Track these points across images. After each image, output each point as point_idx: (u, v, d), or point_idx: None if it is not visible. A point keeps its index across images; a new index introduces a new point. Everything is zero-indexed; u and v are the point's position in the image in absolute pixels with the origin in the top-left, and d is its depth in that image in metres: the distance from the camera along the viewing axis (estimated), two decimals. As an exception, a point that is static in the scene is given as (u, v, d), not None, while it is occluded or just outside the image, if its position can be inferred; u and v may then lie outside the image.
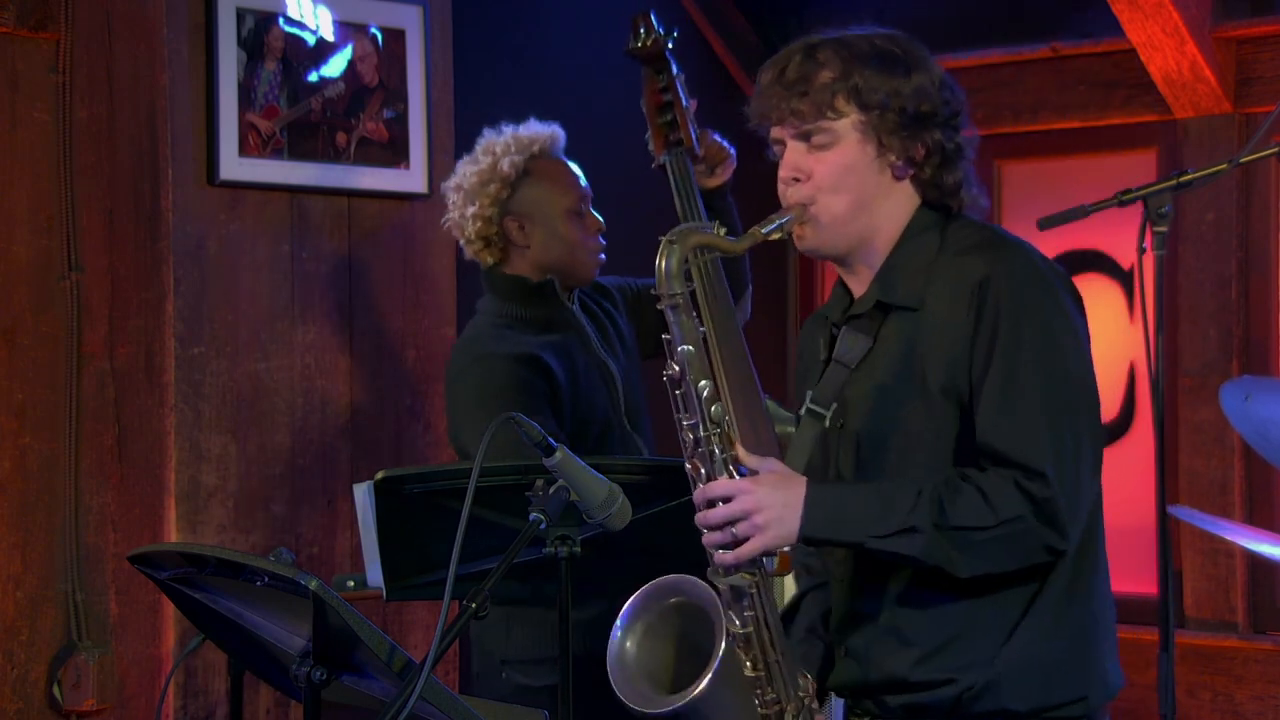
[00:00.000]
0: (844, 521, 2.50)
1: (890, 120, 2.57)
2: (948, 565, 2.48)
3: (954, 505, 2.46)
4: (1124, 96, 5.05)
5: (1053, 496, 2.46)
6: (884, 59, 2.59)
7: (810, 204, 2.60)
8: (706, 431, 2.53)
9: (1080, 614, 2.58)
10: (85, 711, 4.13)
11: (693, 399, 2.53)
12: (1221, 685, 4.85)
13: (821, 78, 2.58)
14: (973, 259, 2.56)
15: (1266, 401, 3.64)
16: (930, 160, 2.60)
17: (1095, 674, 2.60)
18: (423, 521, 3.08)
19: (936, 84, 2.61)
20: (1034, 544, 2.48)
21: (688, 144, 3.67)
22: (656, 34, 3.68)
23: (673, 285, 2.52)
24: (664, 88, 3.69)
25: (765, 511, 2.48)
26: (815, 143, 2.60)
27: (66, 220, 4.16)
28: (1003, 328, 2.50)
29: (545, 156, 3.69)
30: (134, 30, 4.20)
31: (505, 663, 3.64)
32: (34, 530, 4.11)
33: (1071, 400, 2.52)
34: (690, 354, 2.52)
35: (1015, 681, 2.53)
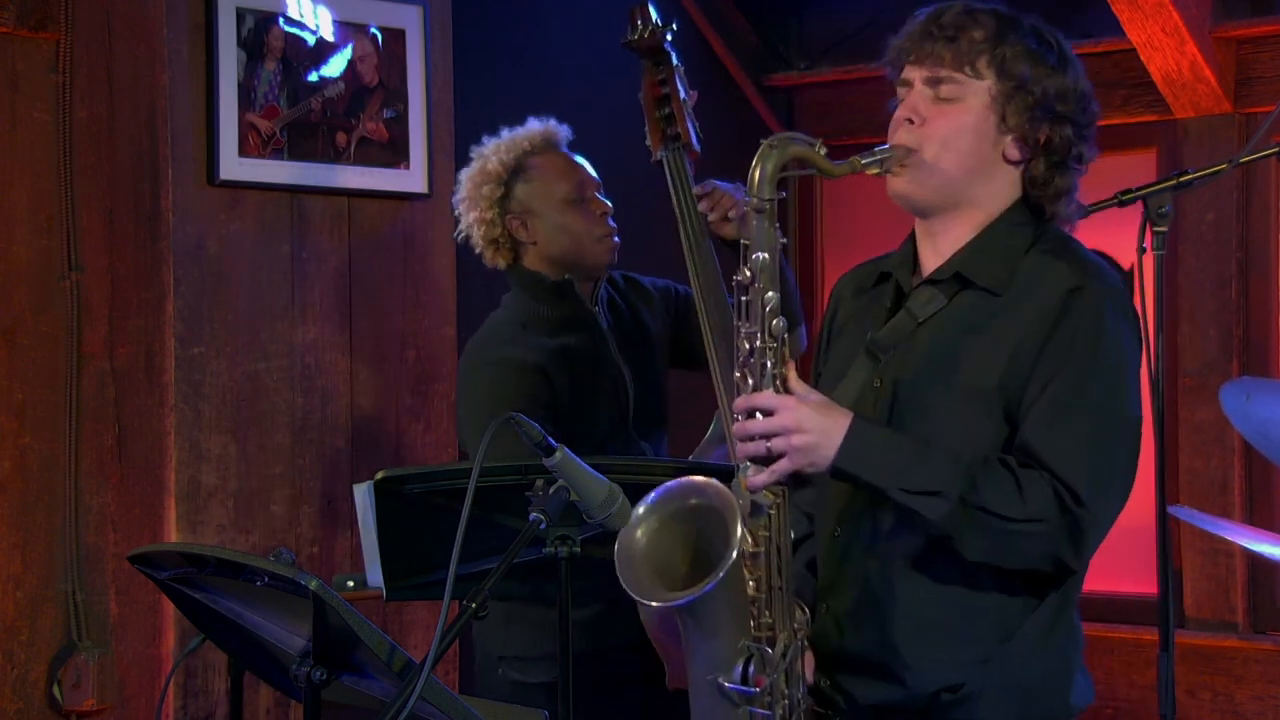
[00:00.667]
0: (878, 463, 2.46)
1: (1022, 100, 2.55)
2: (958, 541, 2.45)
3: (988, 486, 2.44)
4: (1124, 96, 5.05)
5: (1083, 516, 2.45)
6: (1040, 43, 2.58)
7: (917, 149, 2.56)
8: (763, 343, 2.49)
9: (1064, 635, 2.57)
10: (85, 711, 4.13)
11: (757, 307, 2.49)
12: (1221, 685, 4.85)
13: (974, 33, 2.56)
14: (1067, 265, 2.54)
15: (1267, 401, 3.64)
16: (1048, 154, 2.58)
17: (1071, 694, 2.59)
18: (423, 521, 3.08)
19: (1078, 90, 2.60)
20: (1048, 551, 2.46)
21: (685, 139, 3.65)
22: (654, 25, 3.65)
23: (764, 190, 2.49)
24: (662, 80, 3.67)
25: (804, 432, 2.45)
26: (943, 93, 2.56)
27: (66, 220, 4.16)
28: (1080, 344, 2.48)
29: (538, 152, 3.69)
30: (134, 30, 4.20)
31: (503, 659, 3.64)
32: (34, 530, 4.11)
33: (1121, 440, 2.51)
34: (764, 261, 2.49)
35: (997, 696, 2.52)
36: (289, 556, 3.20)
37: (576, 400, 3.59)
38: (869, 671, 2.56)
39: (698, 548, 2.52)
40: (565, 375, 3.59)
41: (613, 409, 3.65)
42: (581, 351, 3.63)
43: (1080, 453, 2.46)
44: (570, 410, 3.57)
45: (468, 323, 4.61)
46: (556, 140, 3.73)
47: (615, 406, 3.66)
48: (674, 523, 2.52)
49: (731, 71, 5.57)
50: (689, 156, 3.68)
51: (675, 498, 2.53)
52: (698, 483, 2.53)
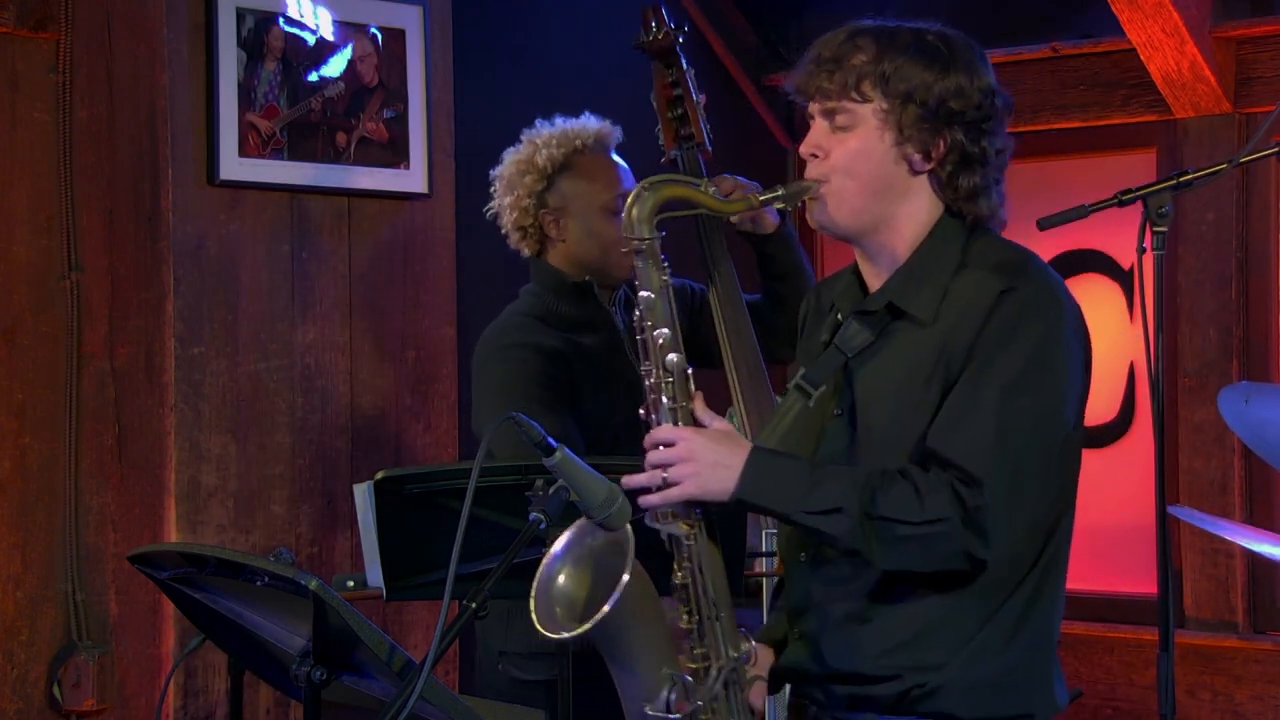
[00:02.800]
0: (777, 490, 2.52)
1: (913, 112, 2.57)
2: (866, 553, 2.49)
3: (886, 495, 2.47)
4: (1124, 96, 5.05)
5: (983, 505, 2.45)
6: (924, 52, 2.59)
7: (824, 181, 2.61)
8: (658, 378, 2.59)
9: (1035, 631, 2.57)
10: (85, 711, 4.13)
11: (651, 345, 2.58)
12: (1221, 685, 4.85)
13: (854, 60, 2.60)
14: (991, 278, 2.55)
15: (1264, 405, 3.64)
16: (949, 158, 2.59)
17: (1042, 691, 2.59)
18: (423, 521, 3.08)
19: (976, 87, 2.60)
20: (954, 549, 2.47)
21: (699, 138, 3.68)
22: (668, 28, 3.68)
23: (640, 230, 2.56)
24: (674, 82, 3.69)
25: (699, 460, 2.52)
26: (837, 123, 2.60)
27: (66, 220, 4.16)
28: (990, 341, 2.50)
29: (588, 152, 3.65)
30: (134, 30, 4.20)
31: (503, 655, 3.64)
32: (34, 530, 4.11)
33: (1031, 431, 2.50)
34: (651, 300, 2.57)
35: (963, 690, 2.53)
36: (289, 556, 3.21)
37: (593, 398, 3.59)
38: (841, 682, 2.59)
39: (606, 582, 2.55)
40: (582, 371, 3.59)
41: (626, 408, 3.65)
42: (597, 352, 3.63)
43: (978, 444, 2.47)
44: (587, 408, 3.57)
45: (468, 323, 4.62)
46: (609, 143, 3.69)
47: (630, 408, 3.65)
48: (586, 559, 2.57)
49: (731, 71, 5.57)
50: (702, 156, 3.70)
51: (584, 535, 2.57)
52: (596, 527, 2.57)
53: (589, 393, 3.58)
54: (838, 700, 2.60)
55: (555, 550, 2.56)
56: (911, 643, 2.54)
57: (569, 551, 2.57)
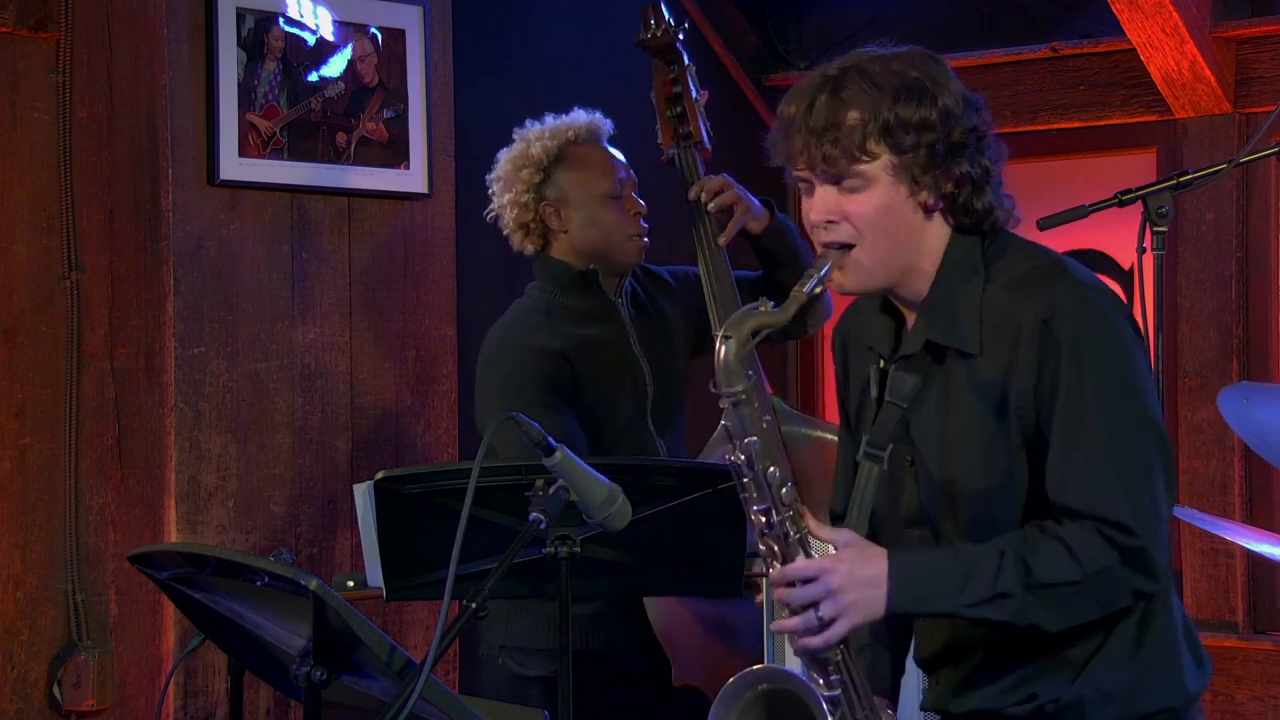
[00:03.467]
0: (932, 594, 2.47)
1: (922, 158, 2.52)
2: (1039, 624, 2.46)
3: (1039, 562, 2.44)
4: (1124, 96, 5.05)
5: (1140, 545, 2.44)
6: (909, 90, 2.53)
7: (854, 243, 2.55)
8: (780, 515, 2.48)
9: (1161, 628, 2.57)
10: (85, 711, 4.13)
11: (764, 486, 2.47)
12: (1221, 685, 4.84)
13: (850, 120, 2.52)
14: (1028, 298, 2.52)
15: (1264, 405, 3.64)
16: (961, 190, 2.56)
17: (1178, 683, 2.58)
18: (423, 521, 3.08)
19: (960, 105, 2.56)
20: (1123, 591, 2.47)
21: (697, 136, 3.69)
22: (667, 25, 3.68)
23: (733, 382, 2.47)
24: (674, 79, 3.70)
25: (850, 591, 2.44)
26: (847, 185, 2.54)
27: (66, 220, 4.16)
28: (1064, 373, 2.46)
29: (581, 142, 3.67)
30: (134, 30, 4.20)
31: (504, 649, 3.65)
32: (34, 530, 4.11)
33: (1141, 439, 2.49)
34: (756, 445, 2.47)
35: (1098, 700, 2.53)
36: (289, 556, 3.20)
37: (598, 391, 3.59)
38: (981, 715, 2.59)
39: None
40: (588, 366, 3.59)
41: (632, 403, 3.65)
42: (604, 343, 3.63)
43: (1107, 485, 2.45)
44: (592, 402, 3.58)
45: (468, 323, 4.62)
46: (600, 134, 3.71)
47: (635, 400, 3.66)
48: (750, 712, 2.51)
49: (731, 71, 5.56)
50: (700, 155, 3.70)
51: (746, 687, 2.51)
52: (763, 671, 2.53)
53: (593, 387, 3.59)
54: None
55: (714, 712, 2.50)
56: (1044, 670, 2.53)
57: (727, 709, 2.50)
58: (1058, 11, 5.18)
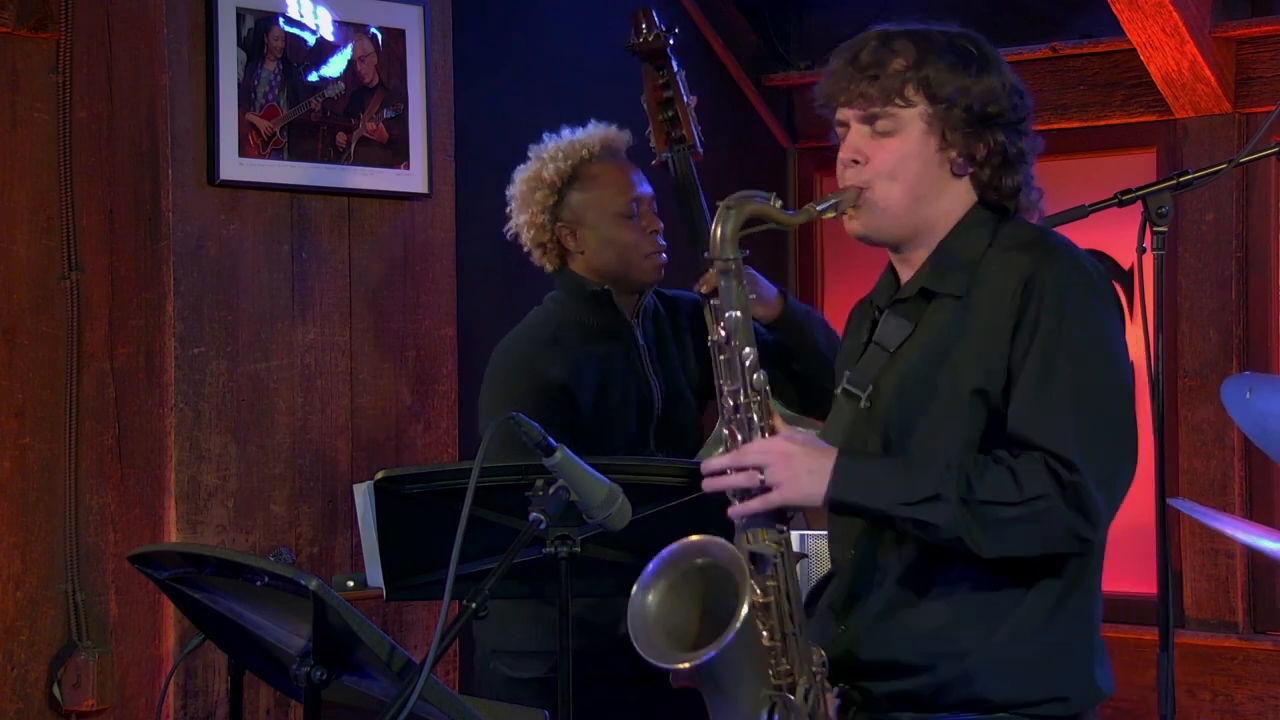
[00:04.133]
0: (872, 488, 2.52)
1: (956, 116, 2.59)
2: (970, 541, 2.48)
3: (981, 480, 2.48)
4: (1124, 96, 5.05)
5: (1080, 482, 2.47)
6: (958, 54, 2.61)
7: (866, 188, 2.61)
8: (747, 398, 2.55)
9: (1072, 615, 2.59)
10: (85, 711, 4.13)
11: (736, 364, 2.55)
12: (1221, 685, 4.85)
13: (894, 64, 2.60)
14: (1020, 256, 2.58)
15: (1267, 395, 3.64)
16: (991, 161, 2.62)
17: (1078, 675, 2.60)
18: (423, 521, 3.08)
19: (1007, 87, 2.63)
20: (1060, 528, 2.49)
21: (690, 140, 3.68)
22: (657, 30, 3.69)
23: (725, 250, 2.54)
24: (665, 84, 3.70)
25: (793, 464, 2.51)
26: (879, 128, 2.61)
27: (66, 220, 4.17)
28: (1044, 325, 2.52)
29: (595, 160, 3.65)
30: (134, 30, 4.20)
31: (495, 653, 3.65)
32: (34, 530, 4.11)
33: (1107, 399, 2.54)
34: (738, 320, 2.54)
35: (995, 670, 2.55)
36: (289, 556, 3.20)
37: (599, 408, 3.58)
38: (883, 674, 2.60)
39: (706, 606, 2.55)
40: (591, 385, 3.58)
41: (636, 421, 3.64)
42: (612, 361, 3.62)
43: (1063, 422, 2.49)
44: (591, 418, 3.57)
45: (468, 323, 4.62)
46: (616, 149, 3.68)
47: (639, 418, 3.64)
48: (682, 584, 2.56)
49: (731, 71, 5.57)
50: (693, 158, 3.70)
51: (681, 559, 2.56)
52: (702, 542, 2.56)
53: (595, 406, 3.57)
54: (875, 700, 2.61)
55: (645, 576, 2.54)
56: (946, 627, 2.55)
57: (661, 576, 2.55)
58: (1058, 11, 5.18)
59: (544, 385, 3.55)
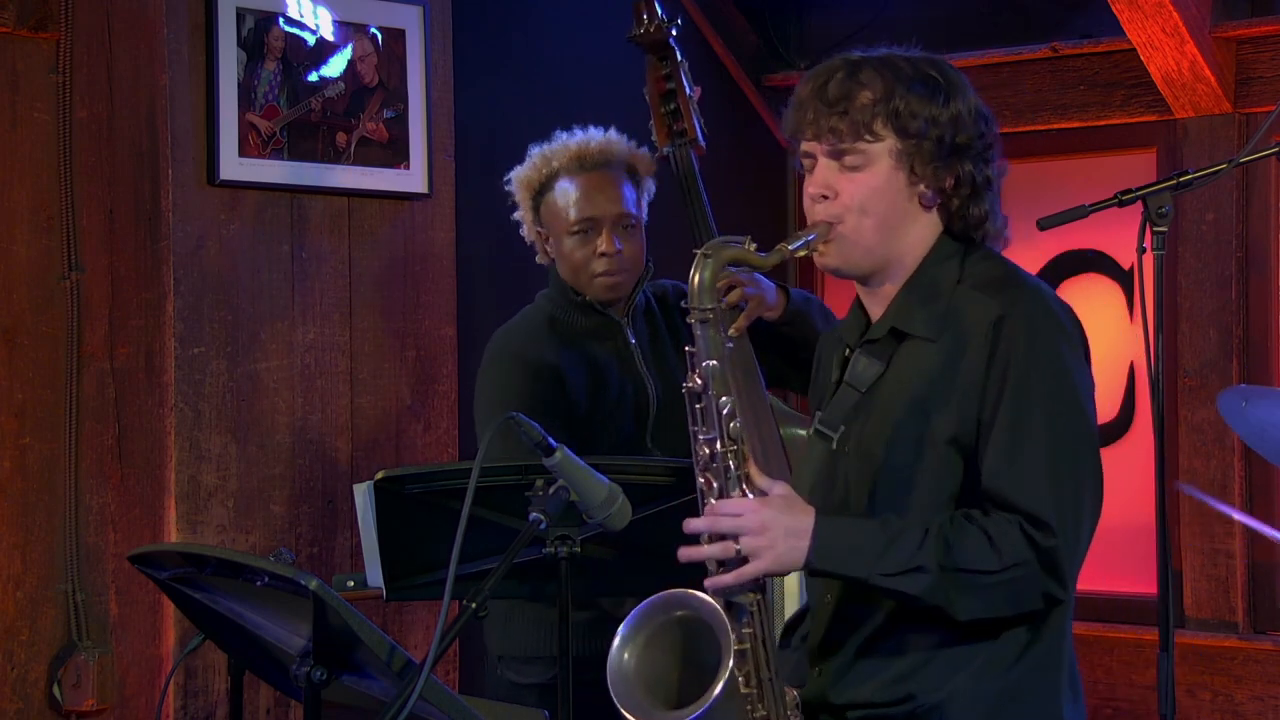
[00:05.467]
0: (851, 555, 2.51)
1: (926, 149, 2.59)
2: (948, 607, 2.50)
3: (961, 547, 2.48)
4: (1124, 96, 5.05)
5: (1056, 546, 2.48)
6: (925, 84, 2.60)
7: (837, 223, 2.61)
8: (724, 448, 2.54)
9: (1044, 650, 2.59)
10: (85, 711, 4.13)
11: (713, 414, 2.54)
12: (1221, 685, 4.85)
13: (862, 98, 2.59)
14: (990, 298, 2.57)
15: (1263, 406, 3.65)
16: (959, 191, 2.62)
17: (1050, 710, 2.60)
18: (423, 521, 3.08)
19: (973, 114, 2.63)
20: (1034, 591, 2.51)
21: (691, 134, 3.67)
22: (659, 20, 3.66)
23: (704, 300, 2.54)
24: (667, 75, 3.68)
25: (770, 533, 2.49)
26: (847, 163, 2.60)
27: (66, 220, 4.17)
28: (1013, 373, 2.51)
29: (562, 174, 3.62)
30: (134, 30, 4.20)
31: (500, 659, 3.65)
32: (34, 530, 4.11)
33: (1077, 453, 2.54)
34: (715, 369, 2.54)
35: (962, 705, 2.55)
36: (289, 556, 3.21)
37: (593, 407, 3.58)
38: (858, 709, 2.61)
39: (687, 657, 2.55)
40: (584, 382, 3.57)
41: (632, 420, 3.63)
42: (604, 360, 3.61)
43: (1039, 483, 2.49)
44: (586, 417, 3.56)
45: (468, 323, 4.62)
46: (588, 161, 3.63)
47: (635, 418, 3.64)
48: (661, 638, 2.55)
49: (731, 71, 5.56)
50: (695, 152, 3.69)
51: (659, 611, 2.56)
52: (680, 595, 2.55)
53: (587, 403, 3.57)
54: None
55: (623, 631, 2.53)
56: (917, 670, 2.55)
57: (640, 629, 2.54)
58: (1058, 11, 5.18)
59: (539, 370, 3.55)
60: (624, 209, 3.60)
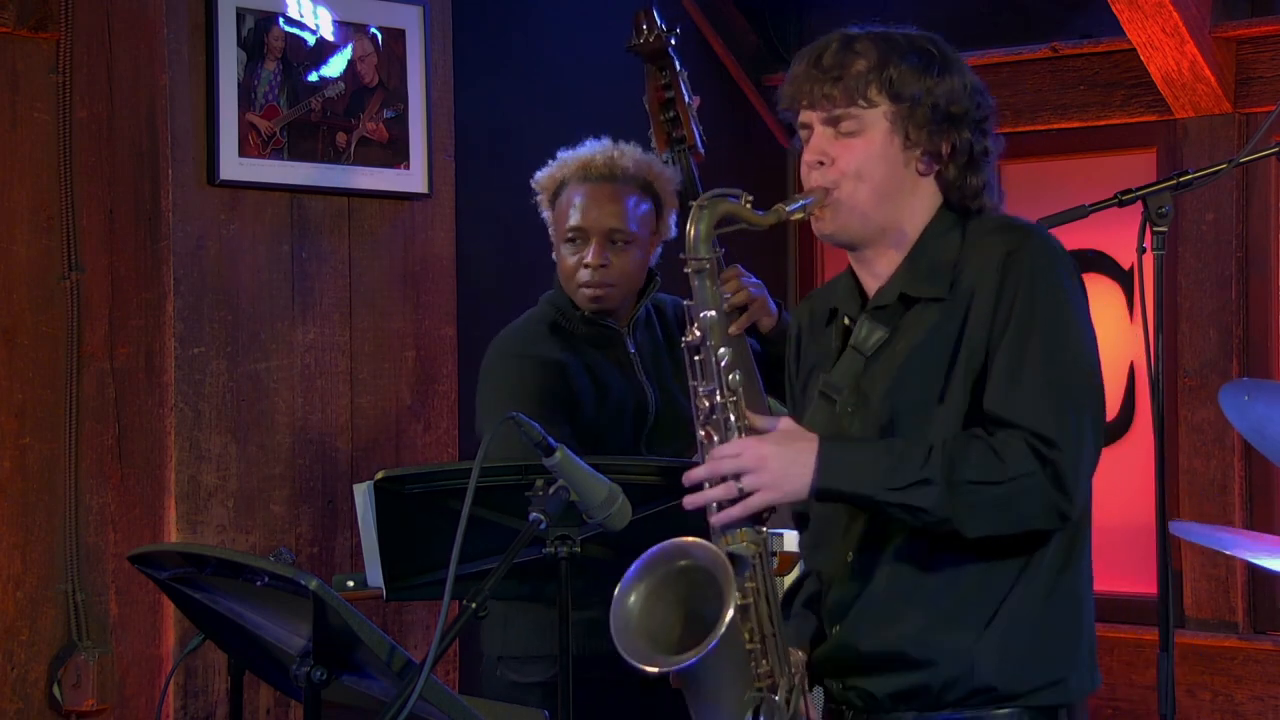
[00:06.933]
0: (858, 474, 2.52)
1: (920, 115, 2.61)
2: (957, 522, 2.50)
3: (965, 460, 2.49)
4: (1124, 96, 5.05)
5: (1060, 458, 2.49)
6: (920, 55, 2.63)
7: (833, 189, 2.63)
8: (723, 398, 2.55)
9: (1063, 599, 2.61)
10: (85, 711, 4.13)
11: (711, 365, 2.55)
12: (1221, 685, 4.85)
13: (857, 66, 2.62)
14: (995, 239, 2.61)
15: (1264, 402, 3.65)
16: (956, 159, 2.64)
17: (1075, 659, 2.62)
18: (423, 521, 3.08)
19: (968, 88, 2.65)
20: (1042, 505, 2.51)
21: (690, 141, 3.68)
22: (659, 30, 3.68)
23: (699, 250, 2.56)
24: (666, 84, 3.70)
25: (772, 466, 2.50)
26: (843, 129, 2.62)
27: (66, 220, 4.17)
28: (1019, 300, 2.54)
29: (568, 183, 3.62)
30: (134, 30, 4.20)
31: (500, 659, 3.65)
32: (34, 530, 4.11)
33: (1078, 378, 2.56)
34: (713, 320, 2.55)
35: (994, 661, 2.55)
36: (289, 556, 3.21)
37: (597, 411, 3.58)
38: (886, 669, 2.60)
39: (689, 608, 2.54)
40: (588, 384, 3.58)
41: (630, 428, 3.64)
42: (605, 367, 3.62)
43: (1038, 399, 2.51)
44: (584, 421, 3.57)
45: (468, 323, 4.62)
46: (590, 173, 3.62)
47: (633, 425, 3.64)
48: (664, 586, 2.55)
49: (731, 71, 5.57)
50: (694, 159, 3.70)
51: (663, 561, 2.55)
52: (685, 544, 2.54)
53: (587, 407, 3.58)
54: (878, 702, 2.61)
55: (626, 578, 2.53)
56: (943, 623, 2.56)
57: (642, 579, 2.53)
58: (1058, 11, 5.18)
59: (543, 362, 3.56)
60: (617, 224, 3.59)
